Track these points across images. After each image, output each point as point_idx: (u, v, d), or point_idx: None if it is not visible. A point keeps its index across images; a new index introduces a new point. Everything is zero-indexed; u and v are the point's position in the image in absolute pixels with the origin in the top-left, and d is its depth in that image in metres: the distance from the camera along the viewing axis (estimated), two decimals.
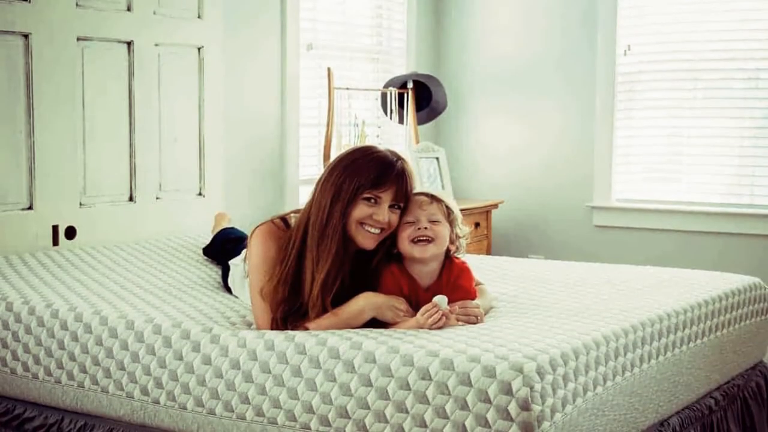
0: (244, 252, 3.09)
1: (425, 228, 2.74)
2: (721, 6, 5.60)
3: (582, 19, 5.98)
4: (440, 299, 2.65)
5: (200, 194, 4.61)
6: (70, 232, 4.03)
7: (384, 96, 5.79)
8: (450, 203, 2.84)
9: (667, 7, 5.74)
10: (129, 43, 4.23)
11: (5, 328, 3.08)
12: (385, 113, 5.81)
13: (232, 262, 3.37)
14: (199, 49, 4.55)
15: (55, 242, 3.98)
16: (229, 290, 3.36)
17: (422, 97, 5.88)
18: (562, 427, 2.27)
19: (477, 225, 5.74)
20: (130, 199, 4.30)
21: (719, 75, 5.65)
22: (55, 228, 3.98)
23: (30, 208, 3.91)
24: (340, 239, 2.70)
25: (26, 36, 3.84)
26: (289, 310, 2.71)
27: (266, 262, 2.75)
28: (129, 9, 4.22)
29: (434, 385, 2.30)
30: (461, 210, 2.95)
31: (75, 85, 4.03)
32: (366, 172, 2.69)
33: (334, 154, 5.07)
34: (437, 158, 5.80)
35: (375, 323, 2.69)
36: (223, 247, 3.75)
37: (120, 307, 2.98)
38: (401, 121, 5.87)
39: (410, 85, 5.78)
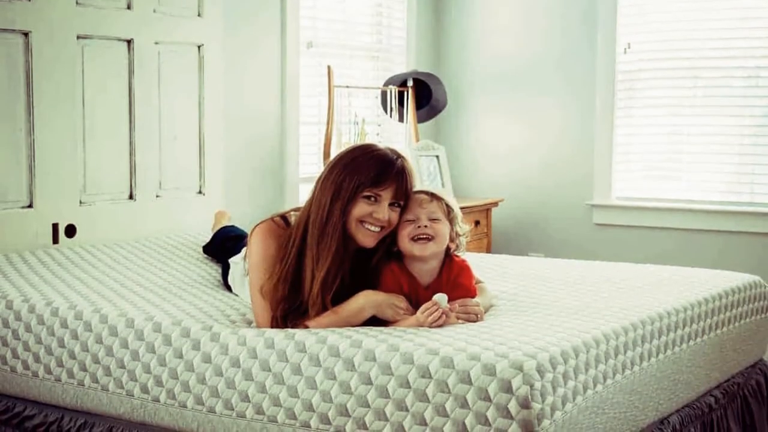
0: (244, 250, 3.09)
1: (425, 226, 2.74)
2: (721, 4, 5.59)
3: (582, 17, 5.98)
4: (440, 297, 2.64)
5: (200, 192, 4.61)
6: (70, 230, 4.03)
7: (384, 94, 5.79)
8: (450, 201, 2.84)
9: (667, 5, 5.74)
10: (129, 42, 4.23)
11: (5, 326, 3.08)
12: (385, 111, 5.81)
13: (232, 260, 3.37)
14: (199, 47, 4.55)
15: (55, 240, 3.98)
16: (229, 288, 3.36)
17: (422, 95, 5.87)
18: (562, 425, 2.27)
19: (477, 223, 5.74)
20: (130, 197, 4.30)
21: (719, 73, 5.65)
22: (55, 226, 3.98)
23: (30, 206, 3.91)
24: (340, 237, 2.70)
25: (26, 34, 3.84)
26: (289, 308, 2.71)
27: (266, 260, 2.75)
28: (129, 7, 4.22)
29: (434, 383, 2.30)
30: (461, 208, 2.95)
31: (75, 84, 4.02)
32: (366, 171, 2.69)
33: (334, 153, 5.07)
34: (437, 156, 5.80)
35: (375, 321, 2.69)
36: (223, 245, 3.75)
37: (120, 305, 2.98)
38: (401, 119, 5.87)
39: (410, 83, 5.78)
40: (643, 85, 5.87)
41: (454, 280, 2.80)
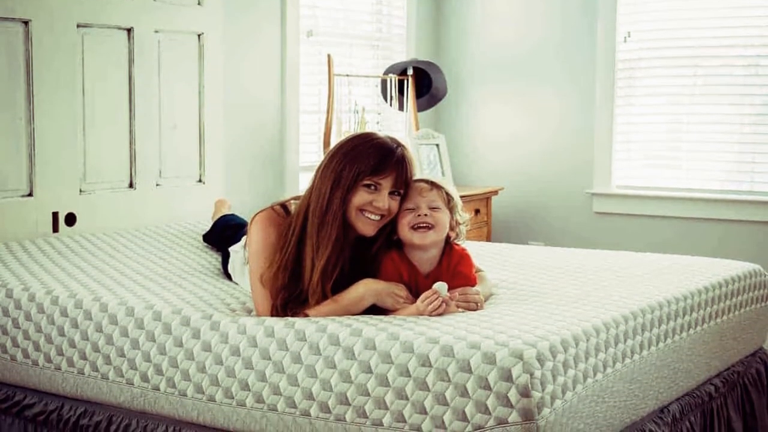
0: (244, 239, 3.09)
1: (425, 215, 2.74)
2: None
3: (582, 5, 5.96)
4: (440, 286, 2.65)
5: (200, 181, 4.61)
6: (70, 219, 4.02)
7: (384, 83, 5.78)
8: (450, 190, 2.84)
9: None
10: (129, 30, 4.22)
11: (5, 314, 3.08)
12: (385, 100, 5.80)
13: (232, 249, 3.37)
14: (199, 35, 4.54)
15: (55, 229, 3.98)
16: (229, 277, 3.36)
17: (422, 83, 5.87)
18: (562, 413, 2.28)
19: (477, 211, 5.74)
20: (130, 185, 4.29)
21: (719, 62, 5.64)
22: (55, 215, 3.98)
23: (30, 194, 3.91)
24: (340, 226, 2.70)
25: (26, 23, 3.83)
26: (289, 296, 2.71)
27: (266, 248, 2.75)
28: None
29: (434, 372, 2.30)
30: (461, 196, 2.96)
31: (75, 72, 4.02)
32: (366, 159, 2.69)
33: (334, 141, 5.07)
34: (437, 145, 5.80)
35: (375, 310, 2.70)
36: (223, 233, 3.75)
37: (120, 294, 2.98)
38: (401, 107, 5.87)
39: (410, 71, 5.77)
40: (643, 74, 5.86)
41: (454, 268, 2.80)
